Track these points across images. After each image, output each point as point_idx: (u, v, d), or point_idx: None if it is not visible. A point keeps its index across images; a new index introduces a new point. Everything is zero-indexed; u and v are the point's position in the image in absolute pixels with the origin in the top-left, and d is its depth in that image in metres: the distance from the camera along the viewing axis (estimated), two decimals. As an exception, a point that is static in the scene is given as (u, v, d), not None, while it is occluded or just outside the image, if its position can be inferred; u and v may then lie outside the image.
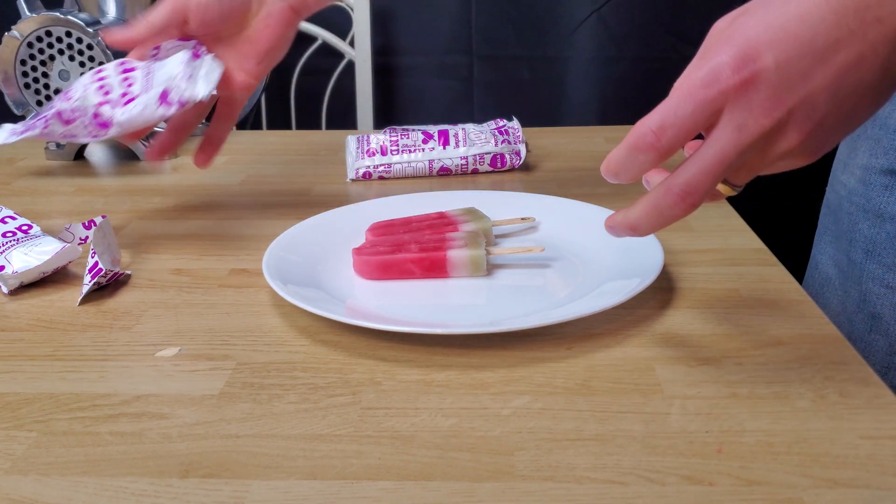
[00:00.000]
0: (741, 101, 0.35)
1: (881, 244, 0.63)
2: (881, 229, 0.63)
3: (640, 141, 0.37)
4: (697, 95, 0.36)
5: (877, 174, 0.63)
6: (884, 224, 0.63)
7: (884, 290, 0.62)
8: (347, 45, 1.40)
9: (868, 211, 0.64)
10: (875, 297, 0.63)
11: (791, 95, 0.35)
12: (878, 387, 0.41)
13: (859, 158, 0.66)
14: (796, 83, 0.35)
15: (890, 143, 0.62)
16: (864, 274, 0.64)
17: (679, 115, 0.36)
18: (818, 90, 0.35)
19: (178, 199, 0.75)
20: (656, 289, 0.52)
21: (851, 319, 0.66)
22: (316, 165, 0.86)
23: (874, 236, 0.63)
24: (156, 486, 0.35)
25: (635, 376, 0.42)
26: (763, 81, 0.35)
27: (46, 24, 0.80)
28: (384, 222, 0.61)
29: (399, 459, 0.36)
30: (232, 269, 0.58)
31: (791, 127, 0.36)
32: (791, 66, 0.35)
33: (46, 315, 0.51)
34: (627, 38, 1.31)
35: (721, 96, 0.35)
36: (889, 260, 0.62)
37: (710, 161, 0.36)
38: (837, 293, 0.68)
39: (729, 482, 0.34)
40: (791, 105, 0.35)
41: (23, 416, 0.40)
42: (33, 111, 0.83)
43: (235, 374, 0.44)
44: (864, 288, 0.64)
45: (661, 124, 0.37)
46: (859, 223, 0.65)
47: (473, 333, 0.46)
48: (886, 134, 0.63)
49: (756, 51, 0.35)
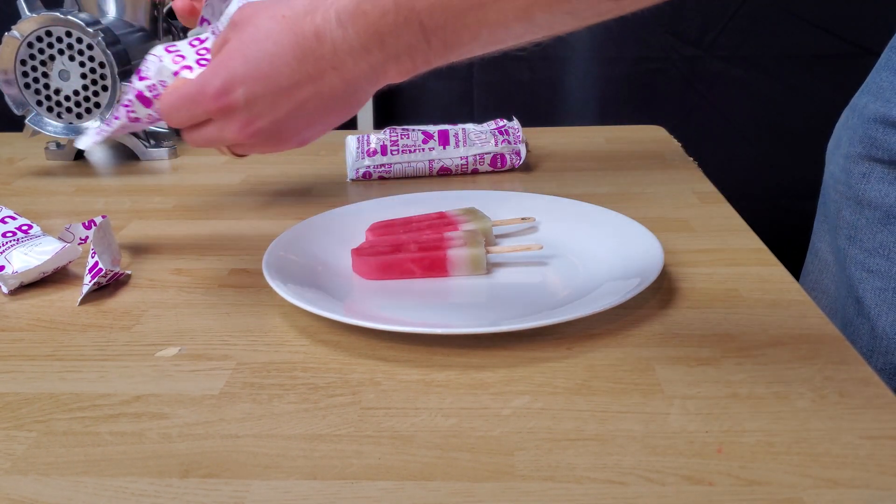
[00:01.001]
0: (220, 119, 0.46)
1: (861, 229, 0.65)
2: (861, 215, 0.65)
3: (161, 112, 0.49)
4: (189, 106, 0.46)
5: (856, 162, 0.66)
6: (863, 210, 0.65)
7: (865, 274, 0.64)
8: (347, 45, 1.40)
9: (849, 198, 0.66)
10: (858, 282, 0.65)
11: (258, 121, 0.45)
12: (879, 387, 0.41)
13: (842, 148, 0.68)
14: (263, 112, 0.45)
15: (865, 131, 0.65)
16: (847, 259, 0.66)
17: (175, 115, 0.48)
18: (283, 116, 0.45)
19: (178, 199, 0.75)
20: (656, 289, 0.52)
21: (844, 304, 0.67)
22: (316, 165, 0.86)
23: (855, 222, 0.66)
24: (156, 486, 0.35)
25: (635, 376, 0.42)
26: (235, 111, 0.45)
27: (46, 24, 0.80)
28: (384, 222, 0.61)
29: (399, 459, 0.36)
30: (232, 269, 0.58)
31: (266, 138, 0.47)
32: (258, 99, 0.45)
33: (46, 315, 0.51)
34: (627, 38, 1.31)
35: (205, 113, 0.46)
36: (868, 244, 0.64)
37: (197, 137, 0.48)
38: (834, 279, 0.70)
39: (729, 482, 0.34)
40: (259, 127, 0.46)
41: (23, 416, 0.40)
42: (33, 111, 0.83)
43: (235, 374, 0.44)
44: (849, 273, 0.66)
45: (164, 114, 0.48)
46: (842, 210, 0.67)
47: (473, 333, 0.46)
48: (863, 123, 0.65)
49: (232, 85, 0.44)
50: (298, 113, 0.46)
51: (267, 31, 0.44)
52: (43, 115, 0.84)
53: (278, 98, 0.45)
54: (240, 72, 0.44)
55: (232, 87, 0.44)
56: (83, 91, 0.83)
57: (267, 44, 0.44)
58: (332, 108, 0.46)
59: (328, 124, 0.48)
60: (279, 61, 0.44)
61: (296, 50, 0.43)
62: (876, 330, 0.63)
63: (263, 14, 0.45)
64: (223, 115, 0.46)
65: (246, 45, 0.44)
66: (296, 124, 0.46)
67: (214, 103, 0.45)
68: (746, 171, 1.31)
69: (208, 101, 0.45)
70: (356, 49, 0.43)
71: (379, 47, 0.42)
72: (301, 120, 0.46)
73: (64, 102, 0.83)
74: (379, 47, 0.42)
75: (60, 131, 0.84)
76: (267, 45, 0.44)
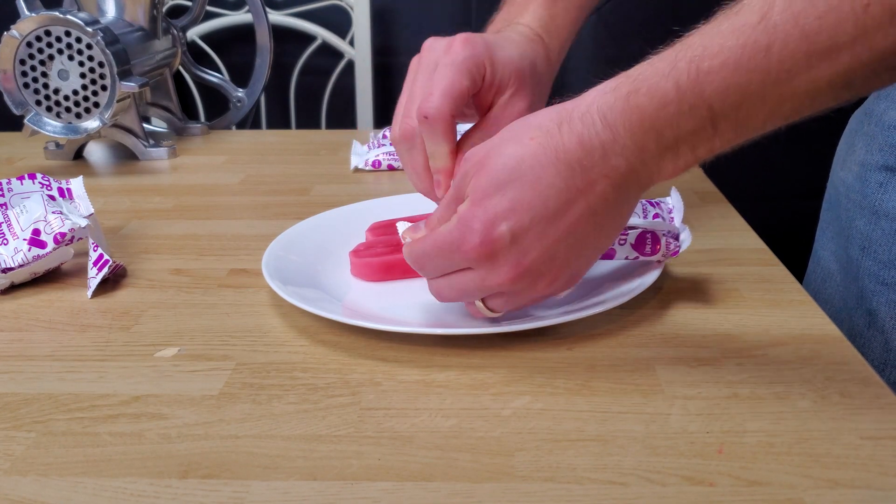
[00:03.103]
0: (484, 265, 0.41)
1: (877, 241, 0.63)
2: (876, 226, 0.63)
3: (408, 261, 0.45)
4: (445, 255, 0.42)
5: (872, 171, 0.63)
6: (879, 220, 0.63)
7: (879, 286, 0.62)
8: (347, 44, 1.40)
9: (864, 207, 0.64)
10: (871, 294, 0.63)
11: (527, 257, 0.41)
12: (880, 387, 0.40)
13: (856, 155, 0.66)
14: (532, 246, 0.41)
15: (885, 140, 0.62)
16: (860, 270, 0.64)
17: (428, 264, 0.44)
18: (553, 245, 0.41)
19: (178, 199, 0.75)
20: (656, 289, 0.52)
21: (851, 315, 0.66)
22: (316, 165, 0.86)
23: (870, 233, 0.64)
24: (155, 487, 0.35)
25: (636, 376, 0.42)
26: (500, 251, 0.40)
27: (45, 23, 0.80)
28: (384, 222, 0.61)
29: (399, 460, 0.36)
30: (231, 269, 0.58)
31: (534, 279, 0.42)
32: (526, 233, 0.40)
33: (45, 315, 0.51)
34: (627, 37, 1.31)
35: (465, 261, 0.42)
36: (884, 256, 0.62)
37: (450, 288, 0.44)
38: (839, 289, 0.68)
39: (729, 483, 0.34)
40: (527, 264, 0.41)
41: (22, 416, 0.40)
42: (32, 111, 0.83)
43: (235, 375, 0.44)
44: (860, 284, 0.64)
45: (417, 263, 0.44)
46: (856, 220, 0.65)
47: (473, 334, 0.46)
48: (882, 131, 0.63)
49: (494, 223, 0.40)
50: (569, 239, 0.41)
51: (519, 157, 0.40)
52: (42, 115, 0.83)
53: (548, 226, 0.40)
54: (500, 207, 0.40)
55: (494, 226, 0.40)
56: (82, 91, 0.82)
57: (523, 169, 0.40)
58: (603, 225, 0.42)
59: (598, 249, 0.44)
60: (542, 184, 0.39)
61: (559, 166, 0.39)
62: (890, 343, 0.61)
63: (504, 146, 0.41)
64: (488, 259, 0.41)
65: (498, 179, 0.40)
66: (567, 254, 0.41)
67: (477, 249, 0.40)
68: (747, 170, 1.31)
69: (469, 247, 0.40)
70: (629, 148, 0.39)
71: (655, 142, 0.38)
72: (573, 248, 0.41)
73: (63, 102, 0.83)
74: (655, 142, 0.38)
75: (59, 131, 0.84)
76: (523, 170, 0.40)
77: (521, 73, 0.52)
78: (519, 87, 0.52)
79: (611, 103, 0.39)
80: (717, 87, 0.36)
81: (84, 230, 0.55)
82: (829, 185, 0.72)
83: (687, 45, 0.38)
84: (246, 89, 1.03)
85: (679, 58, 0.37)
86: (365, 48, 1.38)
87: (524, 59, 0.53)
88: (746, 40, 0.35)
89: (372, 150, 0.85)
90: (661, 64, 0.38)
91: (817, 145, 0.92)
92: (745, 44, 0.35)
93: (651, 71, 0.38)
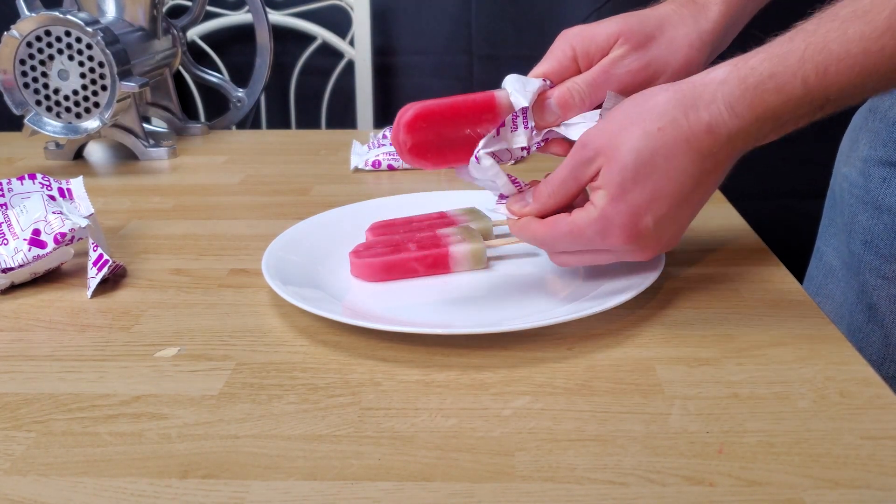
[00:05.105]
0: (626, 251, 0.46)
1: (879, 235, 0.63)
2: (879, 220, 0.63)
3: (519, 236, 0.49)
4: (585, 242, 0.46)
5: (876, 166, 0.64)
6: (881, 215, 0.63)
7: (880, 280, 0.63)
8: (347, 44, 1.40)
9: (867, 202, 0.64)
10: (871, 288, 0.63)
11: (663, 237, 0.46)
12: (879, 387, 0.40)
13: (860, 150, 0.66)
14: (668, 228, 0.45)
15: (889, 135, 0.63)
16: (861, 265, 0.65)
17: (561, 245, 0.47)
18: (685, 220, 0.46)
19: (178, 199, 0.75)
20: (656, 289, 0.52)
21: (852, 311, 0.66)
22: (316, 165, 0.86)
23: (872, 227, 0.64)
24: (155, 487, 0.35)
25: (636, 376, 0.42)
26: (643, 239, 0.45)
27: (46, 23, 0.80)
28: (384, 222, 0.61)
29: (399, 460, 0.36)
30: (231, 269, 0.58)
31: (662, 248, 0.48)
32: (665, 219, 0.45)
33: (45, 315, 0.51)
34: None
35: (606, 248, 0.46)
36: (886, 251, 0.62)
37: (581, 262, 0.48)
38: (840, 284, 0.68)
39: (729, 483, 0.34)
40: (665, 241, 0.46)
41: (22, 416, 0.40)
42: (32, 111, 0.83)
43: (235, 375, 0.44)
44: (861, 279, 0.65)
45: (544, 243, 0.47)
46: (858, 214, 0.65)
47: (474, 333, 0.46)
48: (886, 126, 0.63)
49: (638, 217, 0.44)
50: (694, 211, 0.46)
51: (652, 150, 0.43)
52: (42, 115, 0.83)
53: (682, 207, 0.45)
54: (641, 200, 0.43)
55: (639, 219, 0.44)
56: (82, 91, 0.82)
57: (657, 162, 0.43)
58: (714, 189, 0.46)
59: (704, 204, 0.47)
60: (676, 172, 0.43)
61: (691, 155, 0.43)
62: (889, 338, 0.62)
63: (629, 136, 0.43)
64: (632, 246, 0.45)
65: (636, 172, 0.43)
66: (689, 221, 0.47)
67: (623, 242, 0.44)
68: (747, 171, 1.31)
69: (614, 240, 0.44)
70: (752, 134, 0.42)
71: (772, 124, 0.42)
72: (693, 215, 0.47)
73: (63, 102, 0.83)
74: (772, 124, 0.42)
75: (59, 131, 0.84)
76: (657, 163, 0.43)
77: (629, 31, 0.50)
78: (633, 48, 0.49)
79: (737, 95, 0.41)
80: (842, 86, 0.40)
81: (84, 230, 0.55)
82: (832, 182, 0.72)
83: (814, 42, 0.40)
84: (246, 89, 1.03)
85: (806, 58, 0.40)
86: (365, 48, 1.38)
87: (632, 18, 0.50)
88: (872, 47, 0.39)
89: (372, 150, 0.85)
90: (791, 59, 0.40)
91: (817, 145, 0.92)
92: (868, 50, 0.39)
93: (780, 65, 0.41)
